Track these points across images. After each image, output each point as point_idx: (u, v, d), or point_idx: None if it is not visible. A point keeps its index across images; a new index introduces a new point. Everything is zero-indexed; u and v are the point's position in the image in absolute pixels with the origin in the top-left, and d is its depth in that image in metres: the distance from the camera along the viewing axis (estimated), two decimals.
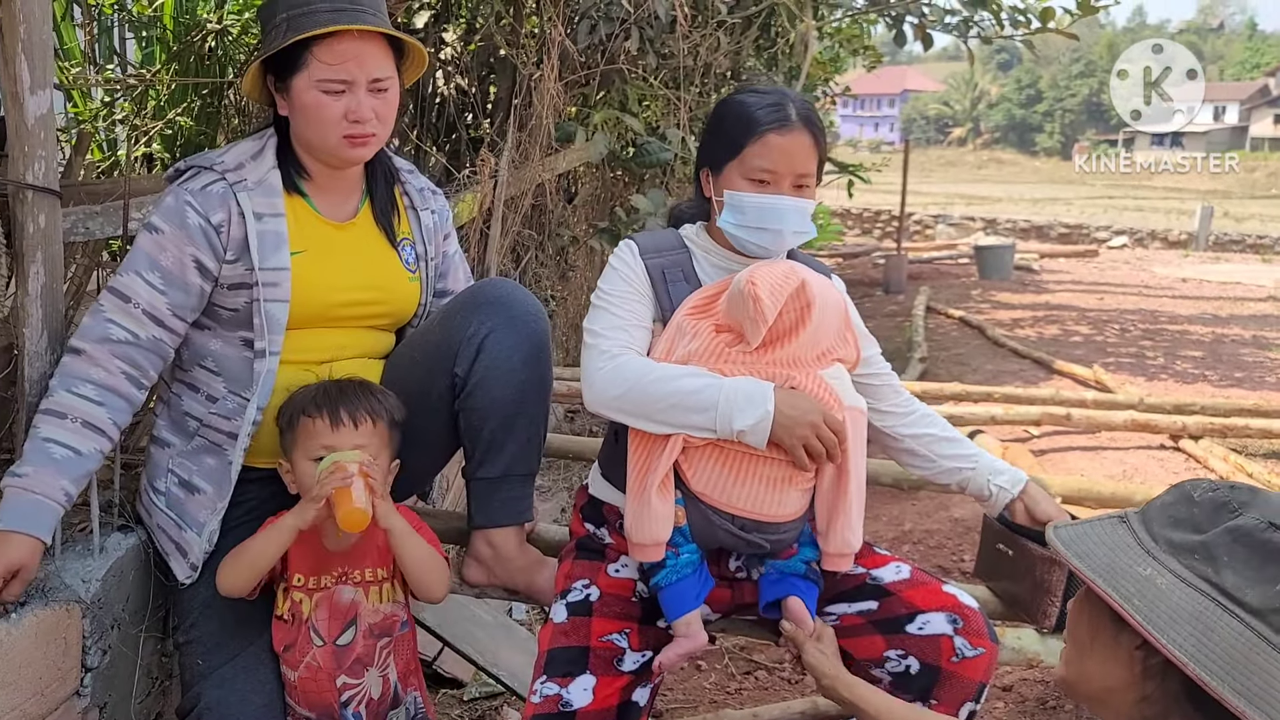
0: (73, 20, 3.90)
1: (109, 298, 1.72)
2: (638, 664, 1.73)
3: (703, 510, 1.66)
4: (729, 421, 1.59)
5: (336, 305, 1.84)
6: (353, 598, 1.74)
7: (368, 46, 1.74)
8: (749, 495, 1.64)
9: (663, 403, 1.62)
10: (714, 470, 1.65)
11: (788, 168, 1.72)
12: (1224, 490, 1.01)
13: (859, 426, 1.70)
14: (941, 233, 19.68)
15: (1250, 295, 11.66)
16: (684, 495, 1.67)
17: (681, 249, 1.82)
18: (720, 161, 1.76)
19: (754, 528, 1.66)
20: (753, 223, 1.73)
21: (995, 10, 5.03)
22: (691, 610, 1.68)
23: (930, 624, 1.72)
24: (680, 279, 1.77)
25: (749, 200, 1.72)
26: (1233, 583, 0.95)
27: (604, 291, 1.78)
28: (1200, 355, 7.70)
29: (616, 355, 1.70)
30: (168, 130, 3.68)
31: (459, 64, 4.51)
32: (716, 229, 1.80)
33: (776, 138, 1.71)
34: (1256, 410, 5.21)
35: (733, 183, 1.74)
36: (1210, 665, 0.92)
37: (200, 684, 1.72)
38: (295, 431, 1.73)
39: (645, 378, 1.64)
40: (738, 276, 1.67)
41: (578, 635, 1.73)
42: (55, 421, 1.65)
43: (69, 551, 1.78)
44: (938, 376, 6.88)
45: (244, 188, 1.76)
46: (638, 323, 1.75)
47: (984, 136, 63.75)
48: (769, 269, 1.66)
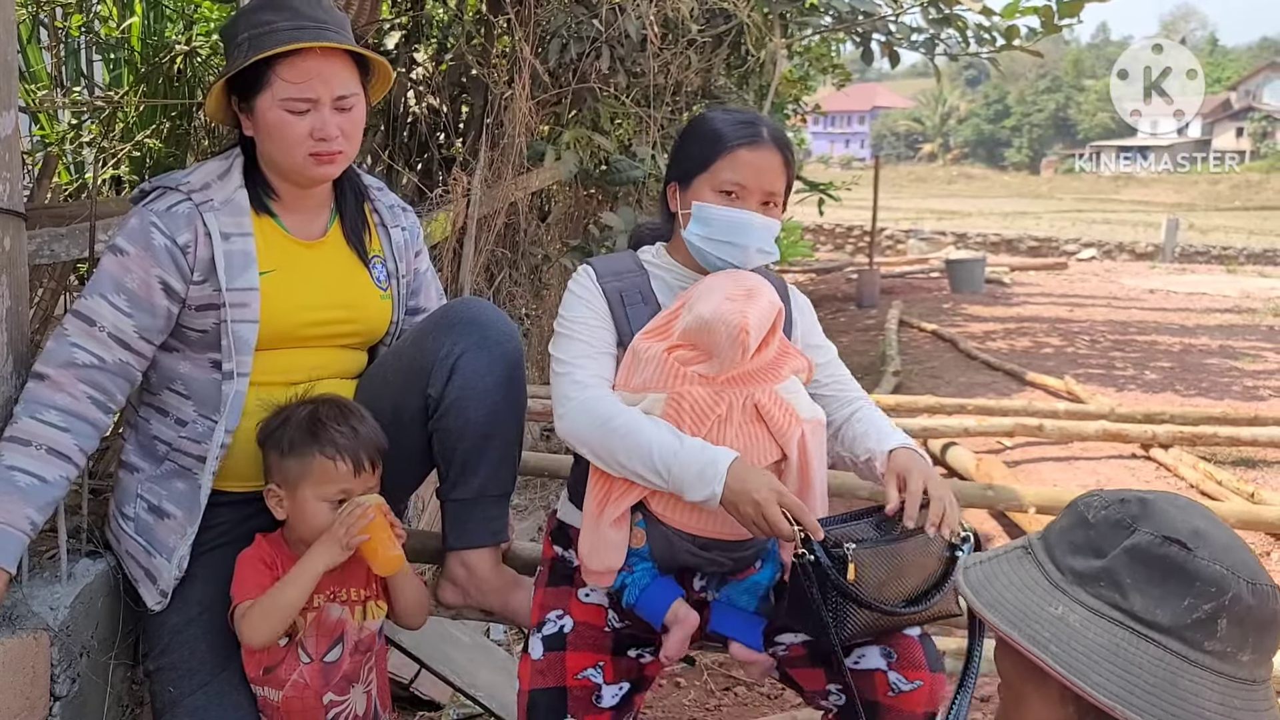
0: (39, 43, 3.87)
1: (73, 321, 1.70)
2: (617, 698, 1.73)
3: (662, 531, 1.65)
4: (681, 491, 1.58)
5: (307, 325, 1.83)
6: (339, 615, 1.73)
7: (331, 64, 1.73)
8: (708, 515, 1.62)
9: (623, 454, 1.61)
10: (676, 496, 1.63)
11: (756, 183, 1.72)
12: (1115, 506, 1.00)
13: (818, 437, 1.69)
14: (913, 247, 19.84)
15: (1216, 306, 11.84)
16: (644, 517, 1.66)
17: (639, 271, 1.81)
18: (689, 175, 1.77)
19: (714, 545, 1.65)
20: (719, 235, 1.73)
21: (961, 28, 5.09)
22: (673, 601, 1.67)
23: (865, 658, 1.69)
24: (639, 301, 1.77)
25: (717, 213, 1.72)
26: (1141, 605, 0.94)
27: (566, 319, 1.77)
28: (1169, 365, 7.80)
29: (589, 386, 1.69)
30: (136, 152, 3.66)
31: (430, 84, 4.51)
32: (678, 248, 1.81)
33: (747, 153, 1.72)
34: (1224, 418, 5.29)
35: (701, 195, 1.74)
36: (1135, 702, 0.91)
37: (172, 711, 1.70)
38: (307, 466, 1.70)
39: (612, 422, 1.63)
40: (696, 297, 1.66)
41: (554, 674, 1.72)
42: (19, 449, 1.63)
43: (36, 579, 1.75)
44: (911, 389, 6.92)
45: (210, 208, 1.74)
46: (605, 350, 1.74)
47: (954, 152, 64.44)
48: (753, 305, 1.64)
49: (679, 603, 1.68)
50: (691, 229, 1.75)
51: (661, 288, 1.80)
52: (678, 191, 1.80)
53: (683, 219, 1.77)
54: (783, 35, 5.03)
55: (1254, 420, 5.30)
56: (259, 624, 1.68)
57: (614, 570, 1.67)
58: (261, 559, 1.73)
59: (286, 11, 1.72)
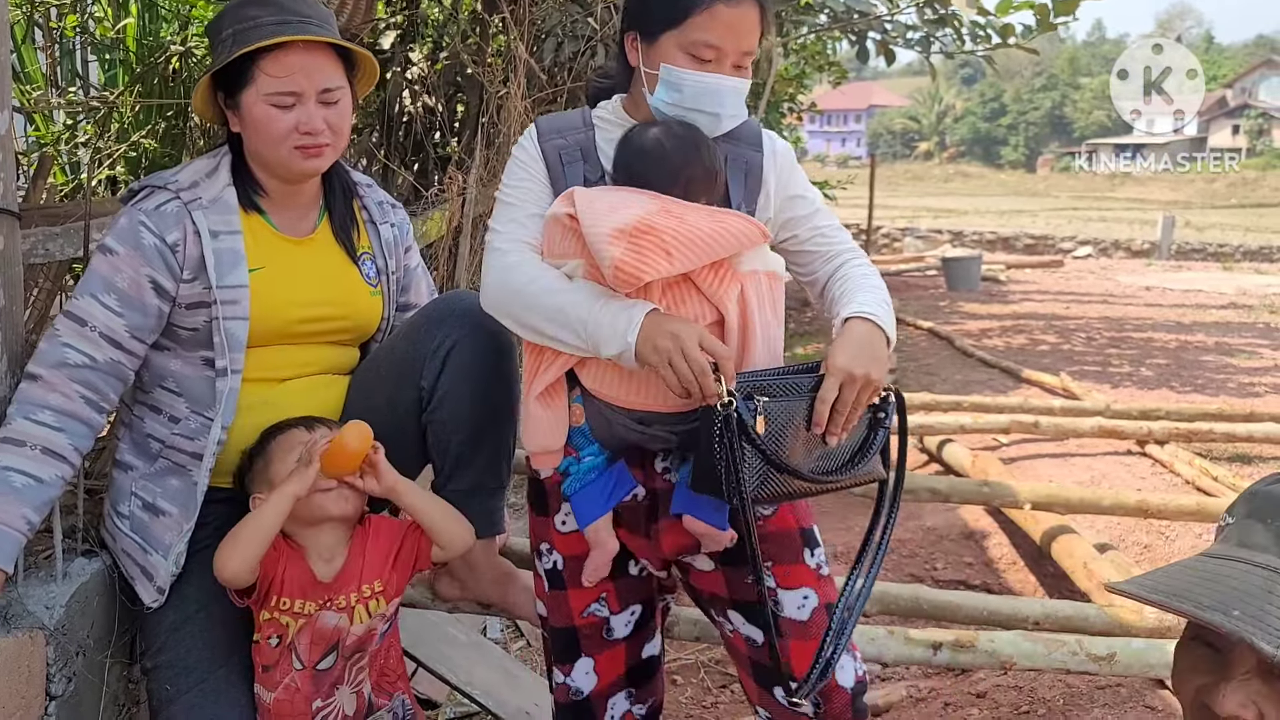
0: (34, 43, 3.87)
1: (65, 322, 1.70)
2: (628, 625, 1.72)
3: (597, 406, 1.60)
4: (596, 348, 1.51)
5: (297, 321, 1.83)
6: (336, 623, 1.71)
7: (315, 58, 1.73)
8: (640, 387, 1.56)
9: (540, 318, 1.54)
10: (602, 365, 1.57)
11: (734, 44, 1.57)
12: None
13: (766, 292, 1.58)
14: (909, 246, 19.83)
15: (1212, 303, 11.84)
16: (581, 393, 1.61)
17: (584, 128, 1.68)
18: (656, 29, 1.59)
19: (653, 419, 1.58)
20: (689, 104, 1.59)
21: (956, 27, 5.09)
22: (599, 517, 1.63)
23: (799, 705, 1.64)
24: (578, 159, 1.64)
25: (689, 79, 1.58)
26: None
27: (504, 184, 1.68)
28: (1165, 362, 7.81)
29: (508, 254, 1.61)
30: (132, 153, 3.66)
31: (426, 83, 4.52)
32: (637, 105, 1.66)
33: (725, 9, 1.55)
34: (1220, 414, 5.29)
35: (669, 55, 1.58)
36: None
37: (168, 709, 1.70)
38: (269, 455, 1.73)
39: (528, 288, 1.55)
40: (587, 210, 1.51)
41: (561, 614, 1.73)
42: (14, 449, 1.63)
43: (31, 578, 1.75)
44: (907, 387, 6.92)
45: (199, 206, 1.75)
46: (535, 212, 1.63)
47: (950, 150, 64.47)
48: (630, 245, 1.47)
49: (601, 522, 1.62)
50: (659, 95, 1.60)
51: (608, 143, 1.66)
52: (639, 44, 1.63)
53: (647, 80, 1.62)
54: (778, 34, 5.03)
55: (1250, 416, 5.30)
56: (227, 549, 1.66)
57: (552, 451, 1.63)
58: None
59: (271, 7, 1.72)
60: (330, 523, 1.73)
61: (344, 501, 1.72)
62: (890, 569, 3.95)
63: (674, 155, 1.59)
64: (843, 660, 1.62)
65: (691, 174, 1.59)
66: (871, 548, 1.61)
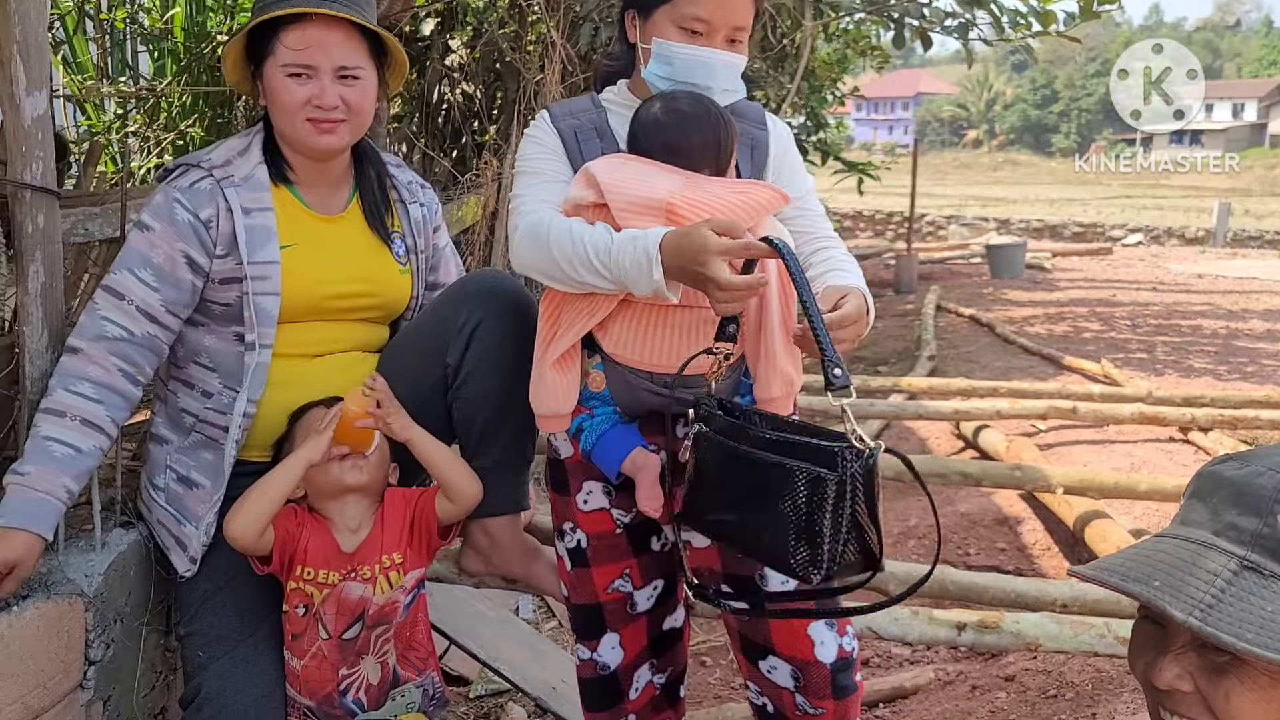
0: (85, 34, 3.97)
1: (103, 295, 1.75)
2: (651, 599, 1.75)
3: (619, 371, 1.61)
4: (629, 287, 1.48)
5: (327, 298, 1.87)
6: (361, 594, 1.75)
7: (334, 34, 1.76)
8: (663, 349, 1.57)
9: (565, 263, 1.52)
10: (624, 328, 1.58)
11: (724, 19, 1.60)
12: None
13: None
14: (954, 233, 19.62)
15: (1266, 290, 11.58)
16: (602, 359, 1.62)
17: (596, 109, 1.72)
18: (650, 4, 1.63)
19: (678, 383, 1.59)
20: (681, 76, 1.62)
21: (995, 13, 5.01)
22: (632, 449, 1.62)
23: (776, 671, 1.67)
24: (593, 136, 1.67)
25: (679, 51, 1.61)
26: None
27: (519, 159, 1.71)
28: (1213, 350, 7.66)
29: (529, 213, 1.61)
30: (179, 141, 3.74)
31: (465, 71, 4.56)
32: (639, 84, 1.69)
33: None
34: (1267, 402, 5.19)
35: (662, 30, 1.62)
36: None
37: (200, 675, 1.75)
38: (293, 436, 1.78)
39: (550, 235, 1.54)
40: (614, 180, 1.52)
41: (585, 591, 1.76)
42: (55, 420, 1.69)
43: (71, 547, 1.81)
44: (946, 374, 6.88)
45: (231, 183, 1.79)
46: (555, 177, 1.65)
47: (999, 138, 63.38)
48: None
49: (637, 450, 1.63)
50: (652, 68, 1.64)
51: (620, 123, 1.69)
52: (636, 20, 1.67)
53: (642, 55, 1.66)
54: (815, 19, 5.00)
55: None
56: (238, 509, 1.69)
57: (561, 415, 1.64)
58: (288, 514, 1.77)
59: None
60: (353, 495, 1.77)
61: (359, 472, 1.76)
62: (921, 553, 3.95)
63: (670, 128, 1.60)
64: (824, 635, 1.64)
65: (693, 143, 1.60)
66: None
